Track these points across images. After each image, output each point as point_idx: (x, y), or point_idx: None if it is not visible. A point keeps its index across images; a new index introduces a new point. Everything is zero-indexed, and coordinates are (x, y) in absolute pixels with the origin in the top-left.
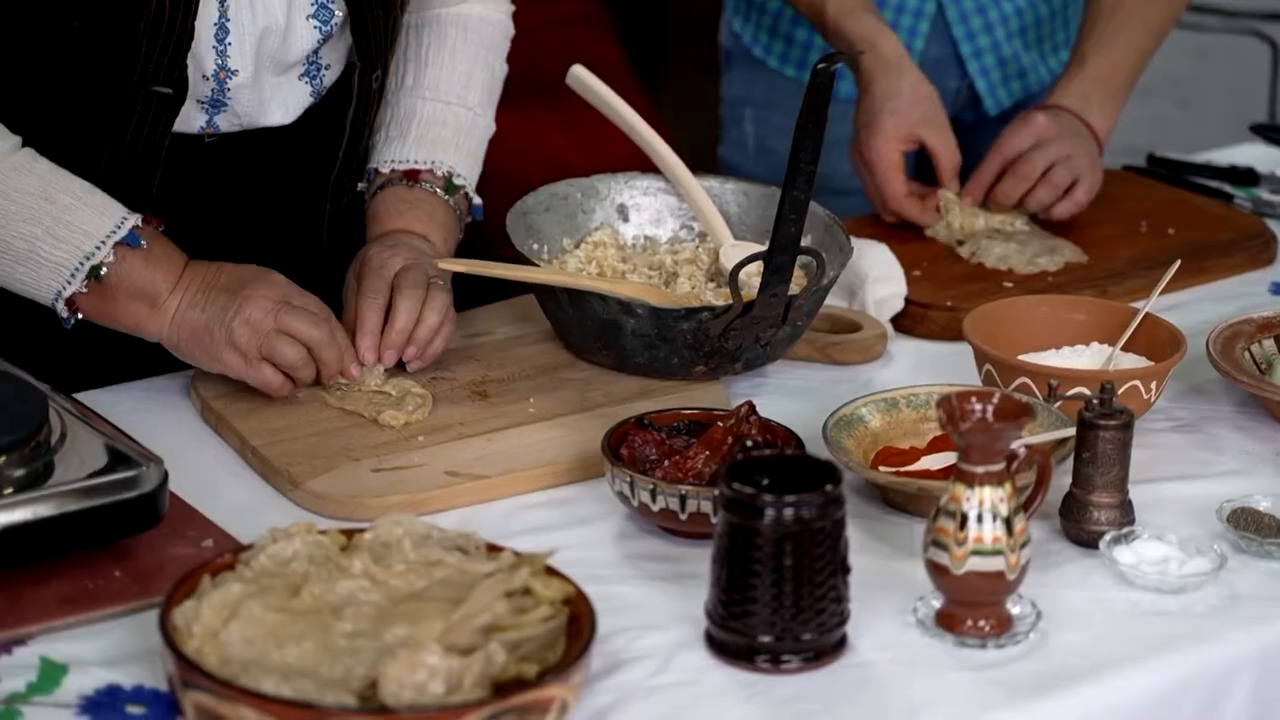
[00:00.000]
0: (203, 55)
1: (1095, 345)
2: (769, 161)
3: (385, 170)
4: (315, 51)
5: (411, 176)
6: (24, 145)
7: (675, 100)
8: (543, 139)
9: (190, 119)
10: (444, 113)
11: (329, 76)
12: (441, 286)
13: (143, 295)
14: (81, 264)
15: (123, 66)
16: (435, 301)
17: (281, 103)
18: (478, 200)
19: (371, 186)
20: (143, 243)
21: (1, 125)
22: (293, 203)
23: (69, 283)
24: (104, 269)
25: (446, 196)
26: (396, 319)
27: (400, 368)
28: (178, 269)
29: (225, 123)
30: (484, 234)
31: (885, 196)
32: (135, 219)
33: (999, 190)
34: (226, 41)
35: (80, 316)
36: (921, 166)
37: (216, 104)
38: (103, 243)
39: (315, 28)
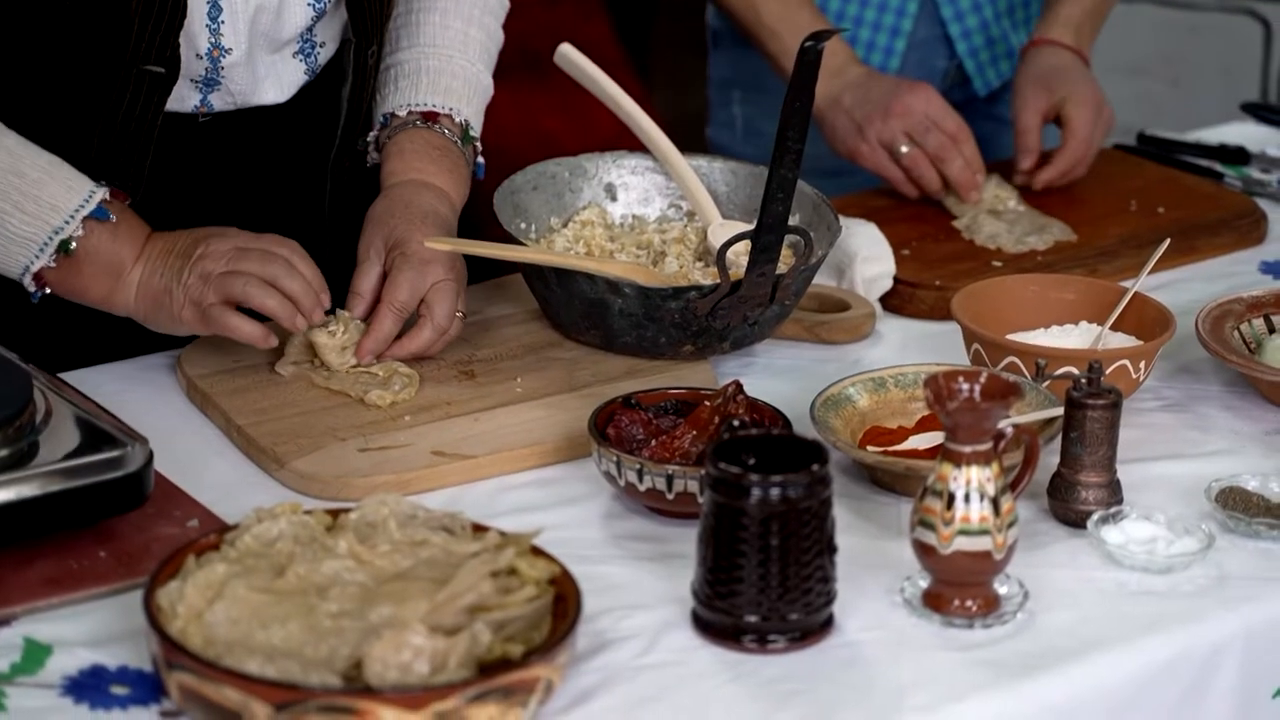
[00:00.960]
0: (195, 33)
1: (1084, 324)
2: (758, 143)
3: (402, 114)
4: (309, 29)
5: (430, 118)
6: None
7: (664, 78)
8: (533, 117)
9: (184, 98)
10: (449, 64)
11: (324, 54)
12: (460, 316)
13: (109, 269)
14: (50, 238)
15: (114, 45)
16: (449, 335)
17: (276, 81)
18: (481, 159)
19: (386, 130)
20: (111, 217)
21: None
22: (292, 181)
23: (37, 257)
24: (73, 243)
25: (463, 147)
26: (413, 342)
27: None
28: (141, 242)
29: (219, 101)
30: (472, 212)
31: (956, 129)
32: (104, 192)
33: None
34: (220, 19)
35: (47, 291)
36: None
37: (210, 83)
38: (72, 216)
39: (309, 4)
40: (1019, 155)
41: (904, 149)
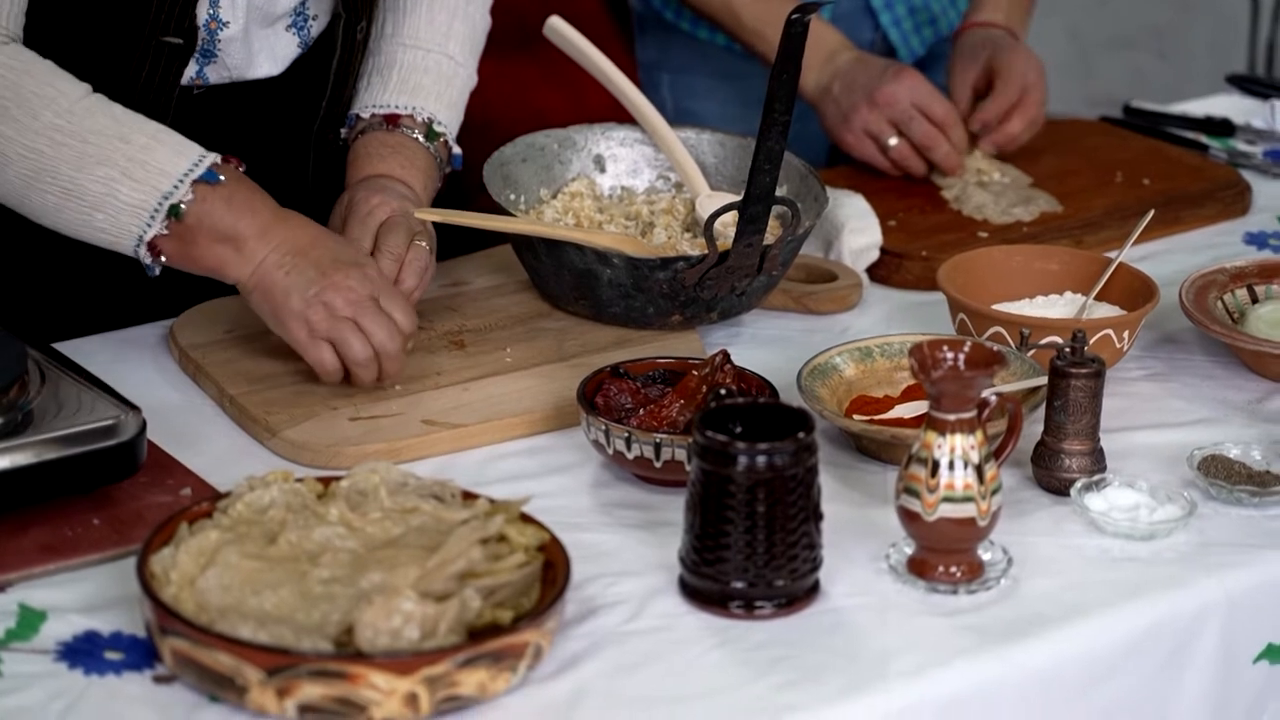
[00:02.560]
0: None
1: (1069, 294)
2: (689, 125)
3: (366, 115)
4: (302, 2)
5: (392, 121)
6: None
7: None
8: (524, 90)
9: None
10: (425, 60)
11: (316, 27)
12: (424, 245)
13: (225, 237)
14: (160, 204)
15: (134, 16)
16: (415, 262)
17: (270, 54)
18: (457, 150)
19: (352, 132)
20: (221, 178)
21: (70, 74)
22: (278, 152)
23: (150, 224)
24: (183, 207)
25: (427, 143)
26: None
27: None
28: (263, 214)
29: (214, 74)
30: (463, 184)
31: (944, 114)
32: (214, 157)
33: (1007, 133)
34: None
35: (164, 261)
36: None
37: (207, 55)
38: (181, 180)
39: None
40: (976, 120)
41: (892, 141)
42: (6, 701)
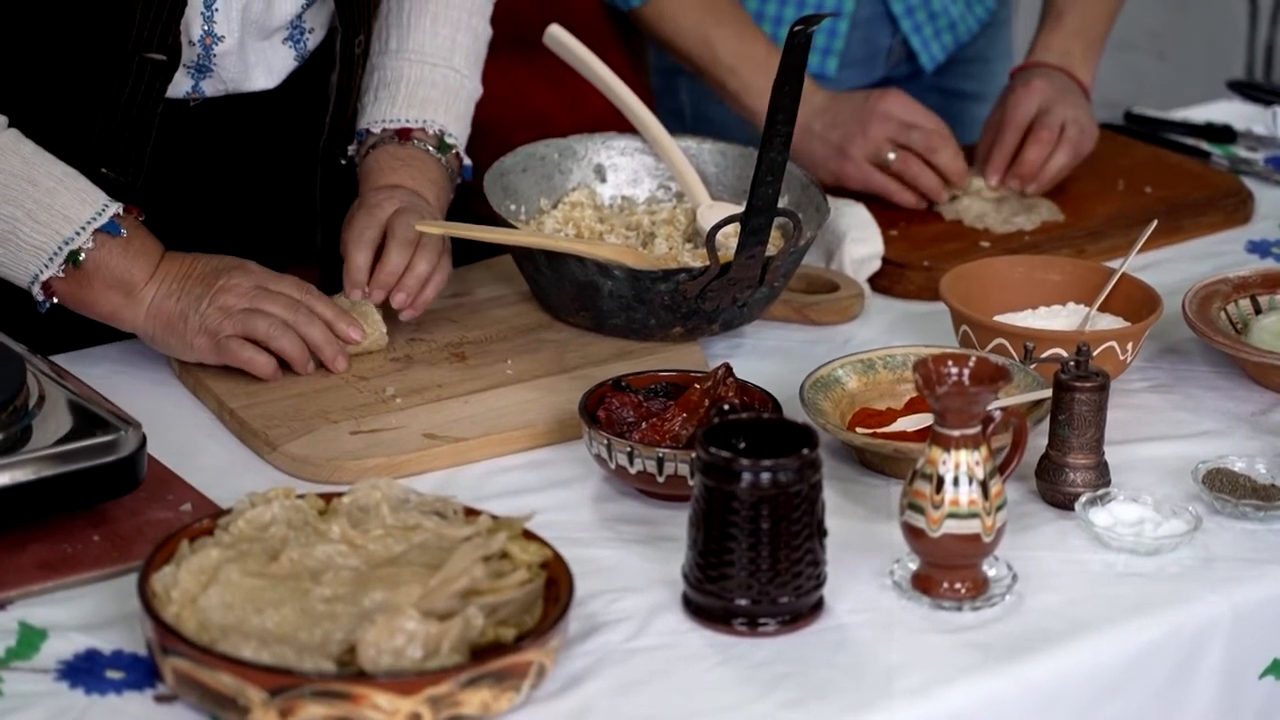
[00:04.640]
0: (190, 21)
1: (1072, 305)
2: (707, 130)
3: (376, 130)
4: (299, 16)
5: (403, 135)
6: (11, 126)
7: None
8: (522, 92)
9: (177, 84)
10: (431, 74)
11: (312, 40)
12: (436, 237)
13: (119, 285)
14: (60, 248)
15: (116, 33)
16: (427, 249)
17: (266, 68)
18: (468, 161)
19: (363, 147)
20: (123, 231)
21: None
22: (283, 168)
23: (46, 266)
24: (83, 255)
25: (439, 155)
26: (388, 260)
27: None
28: (154, 260)
29: (210, 88)
30: (463, 190)
31: (937, 125)
32: (117, 207)
33: (1025, 161)
34: (214, 7)
35: (55, 301)
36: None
37: (202, 69)
38: (82, 228)
39: None
40: (987, 171)
41: (891, 155)
42: None
